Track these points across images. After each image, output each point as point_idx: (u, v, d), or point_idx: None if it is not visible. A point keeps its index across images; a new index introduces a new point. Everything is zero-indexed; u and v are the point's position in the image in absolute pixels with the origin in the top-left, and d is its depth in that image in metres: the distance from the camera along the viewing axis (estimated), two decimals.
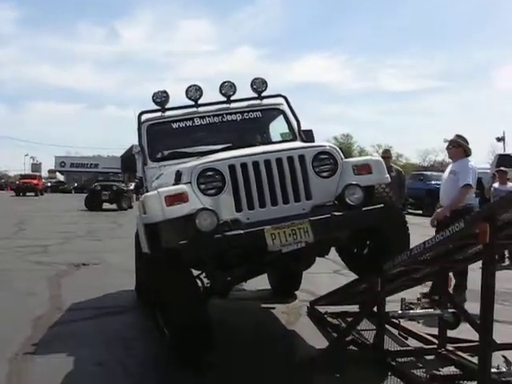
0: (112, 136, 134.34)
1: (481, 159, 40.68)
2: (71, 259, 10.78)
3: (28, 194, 50.50)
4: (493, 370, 3.88)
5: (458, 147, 7.02)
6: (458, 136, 7.15)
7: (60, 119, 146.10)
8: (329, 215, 4.54)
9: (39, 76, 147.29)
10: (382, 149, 61.31)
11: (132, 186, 32.68)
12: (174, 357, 4.79)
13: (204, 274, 5.30)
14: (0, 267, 9.87)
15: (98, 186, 30.01)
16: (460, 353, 4.77)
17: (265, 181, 4.69)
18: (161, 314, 4.85)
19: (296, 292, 7.58)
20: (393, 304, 5.11)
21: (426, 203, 23.55)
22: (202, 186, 4.63)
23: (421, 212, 23.66)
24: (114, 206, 28.93)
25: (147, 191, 5.65)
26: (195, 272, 5.18)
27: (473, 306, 4.68)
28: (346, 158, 5.13)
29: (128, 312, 6.81)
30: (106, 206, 29.04)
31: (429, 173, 29.77)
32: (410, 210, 27.33)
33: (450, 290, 5.04)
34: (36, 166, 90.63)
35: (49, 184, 71.84)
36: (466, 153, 7.02)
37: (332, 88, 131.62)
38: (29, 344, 5.41)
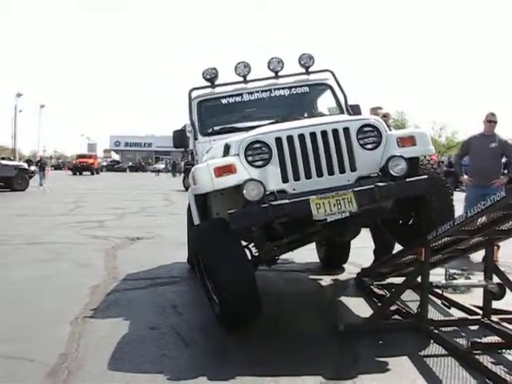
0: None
1: None
2: (126, 234, 11.17)
3: (84, 173, 51.94)
4: None
5: None
6: None
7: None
8: (372, 186, 4.63)
9: None
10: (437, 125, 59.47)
11: None
12: (223, 323, 4.98)
13: (252, 244, 5.48)
14: (60, 241, 10.34)
15: None
16: (505, 323, 4.82)
17: (310, 153, 4.79)
18: (211, 282, 5.04)
19: (344, 265, 7.71)
20: (439, 278, 5.17)
21: None
22: (250, 158, 4.76)
23: None
24: None
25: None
26: (243, 243, 5.37)
27: None
28: None
29: (180, 282, 7.04)
30: None
31: None
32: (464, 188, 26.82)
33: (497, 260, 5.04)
34: (92, 146, 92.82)
35: (104, 163, 73.65)
36: None
37: None
38: (87, 309, 5.72)
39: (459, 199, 11.95)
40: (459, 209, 4.91)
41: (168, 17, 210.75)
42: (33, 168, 30.75)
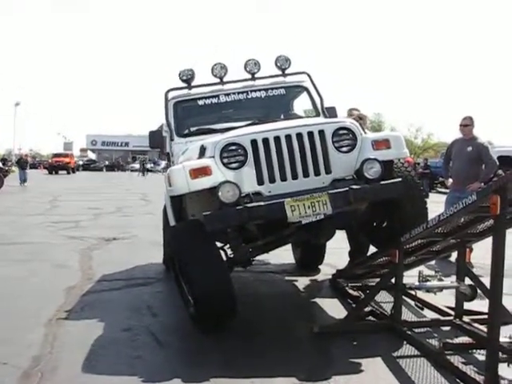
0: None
1: None
2: (102, 234, 11.11)
3: (60, 172, 51.41)
4: (505, 339, 3.99)
5: None
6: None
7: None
8: (347, 188, 4.67)
9: None
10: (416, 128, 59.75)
11: None
12: (198, 325, 4.98)
13: (227, 246, 5.49)
14: (35, 241, 10.26)
15: None
16: (476, 324, 4.88)
17: (285, 155, 4.82)
18: (186, 283, 5.05)
19: (319, 266, 7.74)
20: (413, 279, 5.22)
21: None
22: (225, 160, 4.78)
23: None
24: None
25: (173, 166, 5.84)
26: (219, 244, 5.38)
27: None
28: None
29: (156, 283, 7.02)
30: None
31: None
32: (440, 189, 27.18)
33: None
34: (68, 145, 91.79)
35: (80, 162, 72.99)
36: None
37: None
38: (62, 310, 5.69)
39: (435, 201, 12.11)
40: (436, 210, 4.96)
41: (168, 16, 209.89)
42: (7, 167, 30.34)
